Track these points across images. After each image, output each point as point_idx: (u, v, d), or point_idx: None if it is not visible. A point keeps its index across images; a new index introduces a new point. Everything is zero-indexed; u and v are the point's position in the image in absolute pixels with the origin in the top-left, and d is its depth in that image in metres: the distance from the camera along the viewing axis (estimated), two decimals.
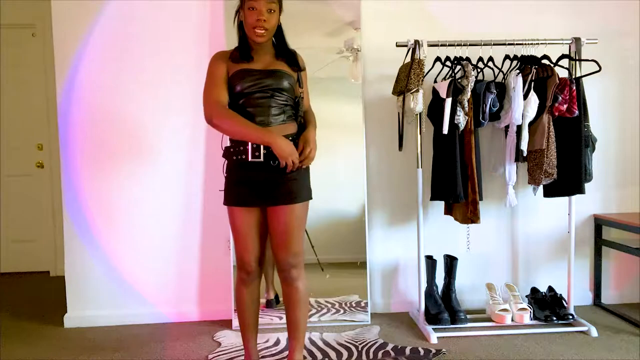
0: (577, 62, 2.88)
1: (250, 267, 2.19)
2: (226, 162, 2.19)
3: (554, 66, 2.81)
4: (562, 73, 2.86)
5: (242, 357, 2.56)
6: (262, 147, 2.08)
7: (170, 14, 3.04)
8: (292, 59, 2.21)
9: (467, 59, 2.83)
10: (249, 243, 2.17)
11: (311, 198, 2.21)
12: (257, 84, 2.11)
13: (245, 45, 2.17)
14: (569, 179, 2.82)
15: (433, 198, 2.93)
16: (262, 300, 2.87)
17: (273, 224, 2.15)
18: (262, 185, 2.11)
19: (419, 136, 2.87)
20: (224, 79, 2.14)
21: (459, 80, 2.78)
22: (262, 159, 2.08)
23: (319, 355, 2.59)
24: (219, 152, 3.05)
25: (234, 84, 2.12)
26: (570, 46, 2.90)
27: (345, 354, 2.59)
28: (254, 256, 2.19)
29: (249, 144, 2.08)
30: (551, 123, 2.78)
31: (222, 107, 2.10)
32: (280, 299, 3.01)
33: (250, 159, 2.08)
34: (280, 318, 2.97)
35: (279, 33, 2.21)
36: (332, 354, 2.59)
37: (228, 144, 2.16)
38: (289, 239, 2.13)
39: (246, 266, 2.19)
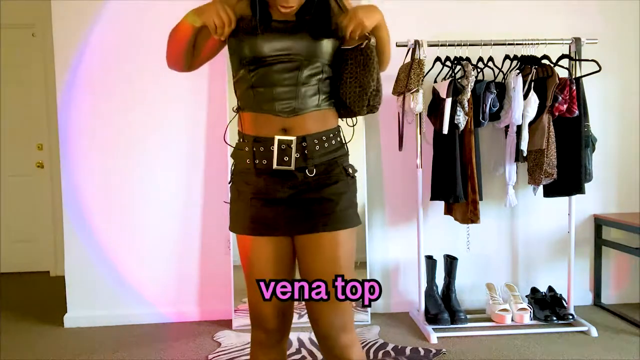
0: (577, 62, 2.88)
1: None
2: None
3: (554, 66, 2.81)
4: (562, 73, 2.86)
5: (242, 357, 2.56)
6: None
7: (170, 13, 3.02)
8: None
9: (467, 59, 2.83)
10: None
11: None
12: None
13: None
14: (569, 179, 2.82)
15: (433, 198, 2.93)
16: None
17: None
18: None
19: (419, 136, 2.87)
20: None
21: (459, 80, 2.78)
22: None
23: (319, 355, 2.59)
24: (219, 152, 3.08)
25: None
26: (570, 46, 2.90)
27: None
28: None
29: None
30: (551, 123, 2.78)
31: None
32: None
33: None
34: None
35: None
36: None
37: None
38: None
39: None
